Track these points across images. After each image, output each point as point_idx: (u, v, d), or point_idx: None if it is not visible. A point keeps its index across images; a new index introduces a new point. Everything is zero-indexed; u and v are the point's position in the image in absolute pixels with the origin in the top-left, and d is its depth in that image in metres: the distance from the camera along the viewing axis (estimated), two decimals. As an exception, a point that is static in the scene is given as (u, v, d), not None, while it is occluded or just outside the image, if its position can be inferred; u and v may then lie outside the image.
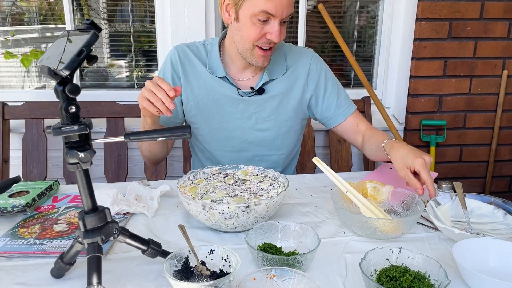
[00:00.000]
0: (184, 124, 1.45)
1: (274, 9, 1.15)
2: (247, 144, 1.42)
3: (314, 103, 1.44)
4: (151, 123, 1.24)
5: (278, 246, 0.88)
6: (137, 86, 2.31)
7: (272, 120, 1.40)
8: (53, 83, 0.70)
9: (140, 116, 1.57)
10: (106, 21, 2.23)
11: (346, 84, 2.48)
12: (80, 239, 0.77)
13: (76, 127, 0.70)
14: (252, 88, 1.37)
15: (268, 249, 0.85)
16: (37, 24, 2.19)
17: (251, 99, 1.37)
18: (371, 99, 2.15)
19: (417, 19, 2.13)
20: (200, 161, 1.52)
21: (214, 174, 1.20)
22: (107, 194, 1.09)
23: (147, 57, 2.30)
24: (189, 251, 0.84)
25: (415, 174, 1.11)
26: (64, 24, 2.13)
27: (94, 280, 0.71)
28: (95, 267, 0.72)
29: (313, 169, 2.04)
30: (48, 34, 2.23)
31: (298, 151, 1.59)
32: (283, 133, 1.43)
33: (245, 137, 1.41)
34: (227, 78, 1.35)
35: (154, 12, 2.15)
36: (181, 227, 0.91)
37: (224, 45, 1.37)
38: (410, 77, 2.22)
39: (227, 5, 1.24)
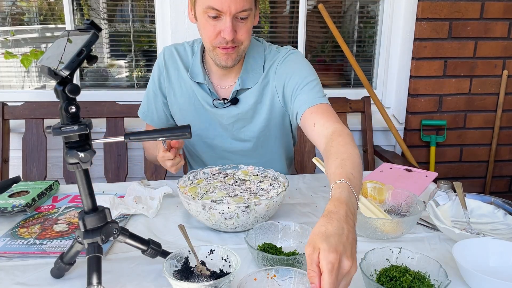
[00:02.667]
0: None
1: (220, 4, 1.08)
2: (228, 153, 1.38)
3: (289, 105, 1.26)
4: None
5: (278, 246, 0.88)
6: (137, 86, 2.31)
7: (249, 131, 1.33)
8: (53, 83, 0.70)
9: (139, 116, 1.59)
10: (106, 21, 2.23)
11: (346, 84, 2.48)
12: (80, 239, 0.77)
13: (76, 127, 0.70)
14: (224, 99, 1.29)
15: (268, 249, 0.85)
16: (37, 24, 2.19)
17: (225, 111, 1.30)
18: (371, 99, 2.15)
19: (417, 19, 2.13)
20: (190, 165, 1.53)
21: (214, 174, 1.20)
22: (103, 201, 1.09)
23: (147, 57, 2.30)
24: (189, 251, 0.84)
25: None
26: (64, 24, 2.13)
27: (94, 280, 0.71)
28: (95, 267, 0.72)
29: (313, 169, 2.04)
30: (48, 34, 2.23)
31: (291, 159, 1.51)
32: (262, 142, 1.36)
33: (224, 146, 1.37)
34: (205, 85, 1.29)
35: (154, 12, 2.15)
36: (181, 227, 0.91)
37: (205, 50, 1.30)
38: (410, 77, 2.22)
39: (189, 4, 1.20)
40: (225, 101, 1.29)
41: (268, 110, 1.30)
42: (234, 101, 1.29)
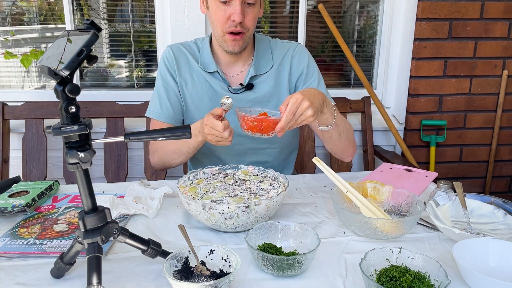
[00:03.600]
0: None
1: None
2: (241, 138, 1.42)
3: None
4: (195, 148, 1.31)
5: (278, 246, 0.88)
6: (137, 86, 2.31)
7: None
8: (53, 83, 0.70)
9: (139, 116, 1.58)
10: (106, 21, 2.23)
11: (346, 84, 2.48)
12: (80, 239, 0.77)
13: (76, 127, 0.70)
14: (241, 84, 1.39)
15: (268, 249, 0.85)
16: (37, 24, 2.19)
17: (242, 95, 1.39)
18: (371, 99, 2.15)
19: (417, 19, 2.13)
20: (196, 158, 1.53)
21: (214, 174, 1.20)
22: (103, 201, 1.09)
23: (147, 57, 2.30)
24: (189, 251, 0.84)
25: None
26: (64, 24, 2.13)
27: (94, 280, 0.71)
28: (95, 267, 0.73)
29: (313, 169, 2.04)
30: (48, 34, 2.23)
31: (295, 150, 1.59)
32: None
33: (238, 131, 1.41)
34: (218, 73, 1.38)
35: (154, 12, 2.15)
36: (181, 227, 0.91)
37: (212, 44, 1.41)
38: (410, 77, 2.22)
39: None
40: (242, 86, 1.38)
41: (284, 95, 1.41)
42: (249, 86, 1.39)
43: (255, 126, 1.09)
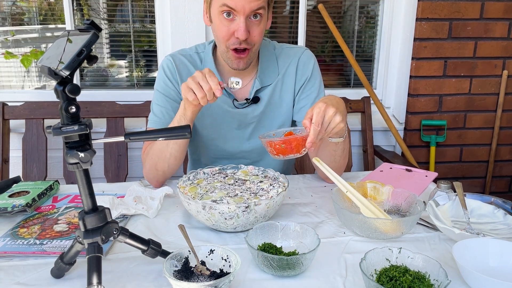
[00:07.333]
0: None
1: (233, 2, 1.11)
2: (245, 153, 1.40)
3: (295, 102, 1.39)
4: (190, 117, 1.17)
5: (278, 246, 0.88)
6: (137, 86, 2.31)
7: (271, 126, 1.36)
8: (53, 83, 0.70)
9: (139, 116, 1.57)
10: (106, 21, 2.23)
11: (346, 84, 2.48)
12: (80, 239, 0.77)
13: (76, 127, 0.70)
14: (246, 99, 1.33)
15: (268, 249, 0.85)
16: (37, 24, 2.19)
17: (247, 110, 1.34)
18: (371, 99, 2.16)
19: (417, 19, 2.13)
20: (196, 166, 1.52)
21: (214, 174, 1.20)
22: (103, 201, 1.09)
23: (147, 57, 2.30)
24: (189, 251, 0.84)
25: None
26: (64, 24, 2.13)
27: (94, 280, 0.71)
28: (95, 267, 0.73)
29: (313, 169, 2.03)
30: (48, 34, 2.23)
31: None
32: None
33: (242, 147, 1.39)
34: (223, 89, 1.31)
35: (154, 12, 2.15)
36: (181, 227, 0.91)
37: (216, 53, 1.33)
38: (410, 77, 2.22)
39: (205, 7, 1.23)
40: (248, 101, 1.32)
41: (289, 104, 1.37)
42: (255, 99, 1.33)
43: (285, 148, 1.03)
